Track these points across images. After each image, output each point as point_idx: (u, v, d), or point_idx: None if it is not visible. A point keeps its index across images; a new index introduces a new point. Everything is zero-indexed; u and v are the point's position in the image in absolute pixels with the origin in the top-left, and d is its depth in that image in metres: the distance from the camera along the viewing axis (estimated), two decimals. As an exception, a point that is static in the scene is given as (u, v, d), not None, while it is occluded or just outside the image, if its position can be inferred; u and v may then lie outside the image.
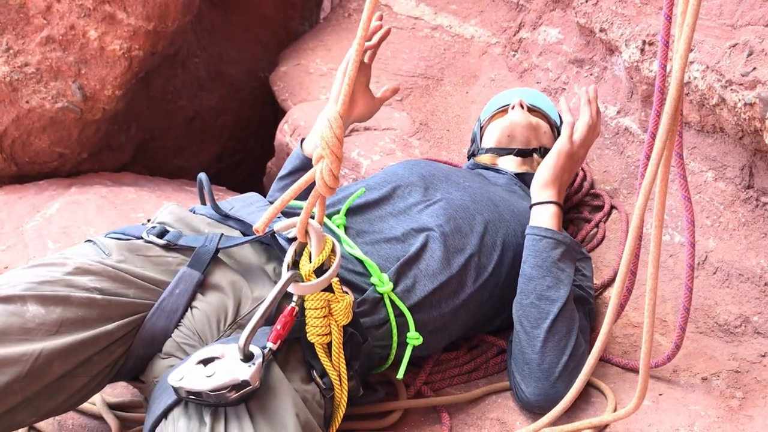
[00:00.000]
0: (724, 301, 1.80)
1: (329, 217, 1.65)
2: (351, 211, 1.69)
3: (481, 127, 2.24)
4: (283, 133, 3.00)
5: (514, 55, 3.08)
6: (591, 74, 2.61)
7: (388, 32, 1.89)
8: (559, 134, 2.14)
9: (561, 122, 2.14)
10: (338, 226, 1.63)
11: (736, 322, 1.76)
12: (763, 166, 1.76)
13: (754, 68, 1.58)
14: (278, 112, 3.53)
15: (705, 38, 1.79)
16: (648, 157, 1.43)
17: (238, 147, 4.01)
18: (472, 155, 2.25)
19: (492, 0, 3.33)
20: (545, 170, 1.80)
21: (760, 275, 1.76)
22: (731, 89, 1.64)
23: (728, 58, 1.67)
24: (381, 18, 1.90)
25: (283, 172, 1.94)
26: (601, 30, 2.37)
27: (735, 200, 1.86)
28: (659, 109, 1.38)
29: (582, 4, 2.48)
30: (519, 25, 3.13)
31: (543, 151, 2.10)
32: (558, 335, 1.59)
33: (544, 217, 1.73)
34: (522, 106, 2.13)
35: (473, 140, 2.29)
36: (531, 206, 1.78)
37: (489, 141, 2.14)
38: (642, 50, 2.10)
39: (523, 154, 2.09)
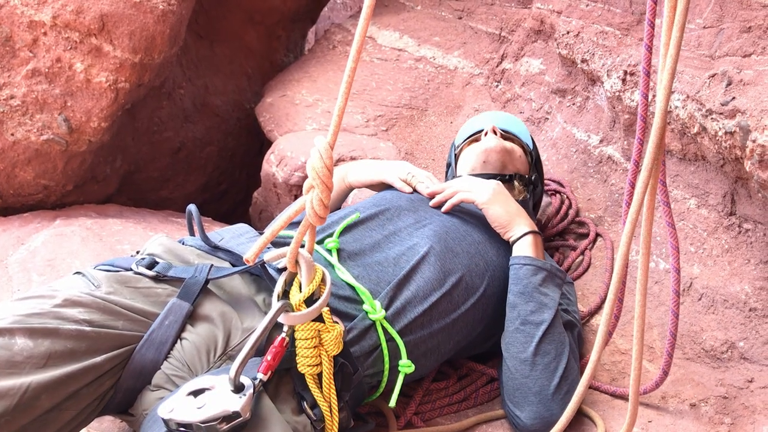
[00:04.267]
0: (710, 327, 1.82)
1: (322, 240, 1.67)
2: (343, 235, 1.71)
3: (456, 155, 2.22)
4: (270, 164, 3.01)
5: (497, 86, 3.13)
6: (573, 104, 2.65)
7: None
8: (532, 159, 2.17)
9: (533, 148, 2.20)
10: (331, 249, 1.64)
11: (722, 348, 1.78)
12: (744, 193, 1.79)
13: (733, 98, 1.61)
14: (264, 143, 3.55)
15: (685, 68, 1.82)
16: (633, 185, 1.46)
17: (224, 177, 4.02)
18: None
19: (474, 32, 3.39)
20: (499, 214, 1.83)
21: (744, 301, 1.77)
22: (711, 118, 1.67)
23: (708, 88, 1.71)
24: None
25: None
26: (583, 61, 2.41)
27: (718, 227, 1.89)
28: (642, 137, 1.40)
29: (563, 35, 2.53)
30: (501, 56, 3.18)
31: (519, 177, 2.09)
32: (547, 357, 1.60)
33: (522, 247, 1.78)
34: (495, 132, 2.11)
35: (448, 166, 2.30)
36: (512, 242, 1.82)
37: (464, 167, 2.12)
38: (623, 80, 2.14)
39: (501, 180, 2.08)
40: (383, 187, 2.09)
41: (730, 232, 1.86)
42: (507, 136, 2.15)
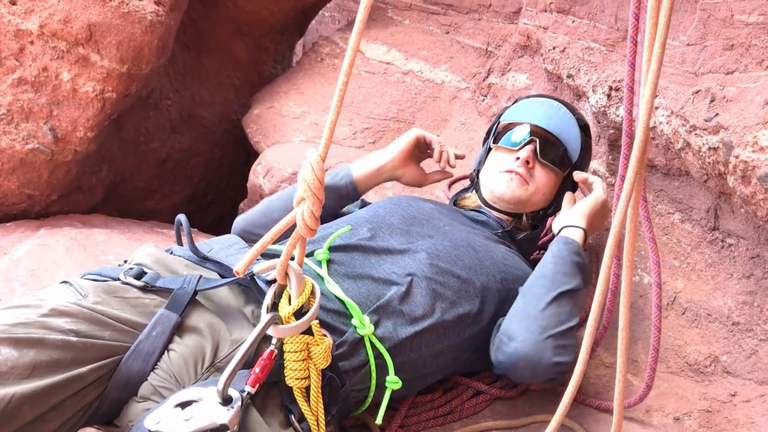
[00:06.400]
0: (694, 341, 1.83)
1: (312, 251, 1.65)
2: (334, 248, 1.69)
3: (489, 148, 2.09)
4: (257, 175, 3.00)
5: (483, 100, 3.15)
6: (559, 119, 2.67)
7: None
8: (568, 167, 2.04)
9: (581, 151, 2.07)
10: (321, 260, 1.63)
11: (705, 362, 1.80)
12: (727, 208, 1.81)
13: (717, 114, 1.64)
14: (250, 154, 3.55)
15: (669, 84, 1.85)
16: (619, 198, 1.47)
17: (210, 188, 4.00)
18: (473, 178, 2.14)
19: (461, 46, 3.42)
20: (583, 206, 1.90)
21: (727, 315, 1.79)
22: (695, 134, 1.69)
23: (692, 104, 1.73)
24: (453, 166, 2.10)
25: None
26: (569, 76, 2.43)
27: (702, 241, 1.91)
28: (628, 153, 1.42)
29: (550, 50, 2.56)
30: (488, 70, 3.21)
31: (531, 216, 2.04)
32: (561, 308, 1.64)
33: (575, 234, 1.82)
34: (528, 162, 1.95)
35: (485, 138, 2.18)
36: (563, 227, 1.86)
37: (485, 178, 2.04)
38: (609, 96, 2.16)
39: (510, 215, 2.04)
40: (414, 171, 2.09)
41: (713, 246, 1.88)
42: (543, 161, 1.97)
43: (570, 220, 1.87)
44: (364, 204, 2.12)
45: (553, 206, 2.07)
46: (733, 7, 1.72)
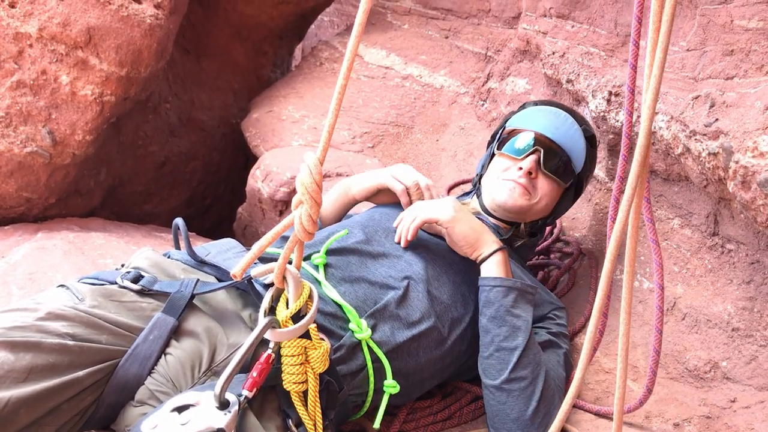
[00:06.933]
0: (694, 347, 1.83)
1: (309, 256, 1.65)
2: (331, 251, 1.69)
3: (493, 154, 2.04)
4: (255, 179, 3.00)
5: (482, 105, 3.14)
6: (558, 124, 2.66)
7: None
8: (571, 177, 2.01)
9: (584, 163, 2.01)
10: (318, 265, 1.62)
11: (705, 368, 1.79)
12: (727, 214, 1.81)
13: (717, 119, 1.63)
14: (249, 158, 3.55)
15: (669, 90, 1.85)
16: (618, 201, 1.47)
17: (208, 192, 4.00)
18: (476, 183, 2.09)
19: (461, 51, 3.42)
20: (466, 232, 1.73)
21: (727, 321, 1.79)
22: (695, 139, 1.69)
23: (692, 109, 1.73)
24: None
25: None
26: (568, 81, 2.43)
27: (701, 247, 1.90)
28: (627, 154, 1.42)
29: (549, 55, 2.55)
30: (487, 75, 3.21)
31: (529, 225, 2.01)
32: (522, 383, 1.59)
33: (491, 267, 1.71)
34: (531, 173, 1.91)
35: (490, 142, 2.14)
36: (478, 263, 1.74)
37: (487, 186, 2.01)
38: (608, 101, 2.16)
39: (508, 223, 2.02)
40: (388, 197, 1.96)
41: (713, 252, 1.87)
42: (545, 172, 1.94)
43: (481, 251, 1.73)
44: None
45: (553, 215, 2.05)
46: (732, 12, 1.72)
